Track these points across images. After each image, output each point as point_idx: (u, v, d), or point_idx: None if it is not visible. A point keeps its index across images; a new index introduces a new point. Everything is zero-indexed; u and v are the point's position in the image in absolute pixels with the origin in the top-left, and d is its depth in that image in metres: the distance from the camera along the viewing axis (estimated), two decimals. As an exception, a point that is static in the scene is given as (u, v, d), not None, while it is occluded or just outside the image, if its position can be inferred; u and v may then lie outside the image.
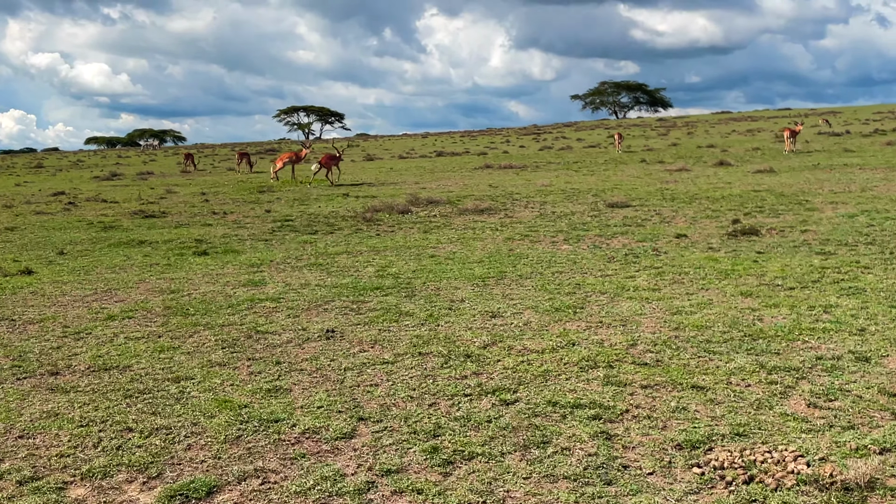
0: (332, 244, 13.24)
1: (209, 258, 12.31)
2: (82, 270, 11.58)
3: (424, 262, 11.02)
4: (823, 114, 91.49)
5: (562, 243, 12.13)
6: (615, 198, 16.60)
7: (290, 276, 10.53)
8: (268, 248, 13.30)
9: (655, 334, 6.76)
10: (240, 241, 14.11)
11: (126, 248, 13.77)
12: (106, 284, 10.47)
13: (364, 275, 10.34)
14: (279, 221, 16.64)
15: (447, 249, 12.12)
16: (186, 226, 16.74)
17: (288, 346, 7.01)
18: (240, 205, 20.70)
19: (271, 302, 8.90)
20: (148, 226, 16.93)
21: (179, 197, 23.83)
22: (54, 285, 10.49)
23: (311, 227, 15.59)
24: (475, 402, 5.32)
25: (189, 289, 9.92)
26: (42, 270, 11.71)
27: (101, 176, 37.63)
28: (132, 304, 9.08)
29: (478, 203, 17.04)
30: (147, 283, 10.43)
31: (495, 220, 15.37)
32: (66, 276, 11.17)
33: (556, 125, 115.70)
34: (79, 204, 22.19)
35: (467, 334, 7.05)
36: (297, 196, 22.24)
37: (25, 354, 7.14)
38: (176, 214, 19.00)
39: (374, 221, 15.88)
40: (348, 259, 11.68)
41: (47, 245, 14.52)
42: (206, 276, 10.81)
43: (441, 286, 9.34)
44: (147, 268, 11.67)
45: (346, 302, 8.73)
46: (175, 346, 7.19)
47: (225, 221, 17.21)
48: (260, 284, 10.01)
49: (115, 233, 15.83)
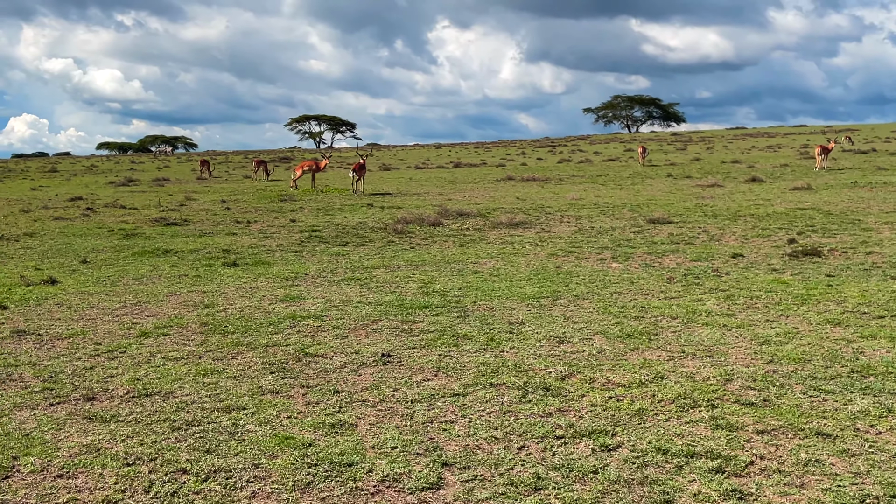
0: (366, 257, 12.65)
1: (240, 270, 11.73)
2: (108, 281, 11.01)
3: (469, 279, 10.42)
4: (840, 131, 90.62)
5: (610, 261, 11.51)
6: (655, 213, 15.98)
7: (329, 291, 9.94)
8: (299, 259, 12.72)
9: (750, 368, 6.13)
10: (269, 253, 13.53)
11: (151, 257, 13.20)
12: (135, 297, 9.89)
13: (407, 291, 9.74)
14: (306, 232, 16.07)
15: (489, 265, 11.51)
16: (211, 235, 16.17)
17: (343, 372, 6.40)
18: (262, 213, 20.15)
19: (314, 320, 8.31)
20: (171, 234, 16.37)
21: (199, 204, 23.30)
22: (80, 297, 9.92)
23: (340, 238, 15.01)
24: (570, 446, 4.70)
25: (224, 303, 9.33)
26: (66, 280, 11.15)
27: (116, 181, 37.18)
28: (166, 320, 8.49)
29: (511, 216, 16.44)
30: (178, 296, 9.84)
31: (532, 234, 14.76)
32: (91, 287, 10.60)
33: (570, 138, 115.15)
34: (97, 210, 21.67)
35: (538, 363, 6.43)
36: (320, 206, 21.69)
37: (57, 375, 6.56)
38: (198, 222, 18.45)
39: (405, 234, 15.29)
40: (387, 274, 11.09)
41: (69, 252, 13.97)
42: (239, 289, 10.23)
43: (493, 306, 8.73)
44: (176, 279, 11.09)
45: (395, 322, 8.13)
46: (219, 368, 6.59)
47: (250, 231, 16.64)
48: (298, 300, 9.42)
49: (138, 241, 15.28)
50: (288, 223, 17.82)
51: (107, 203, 23.64)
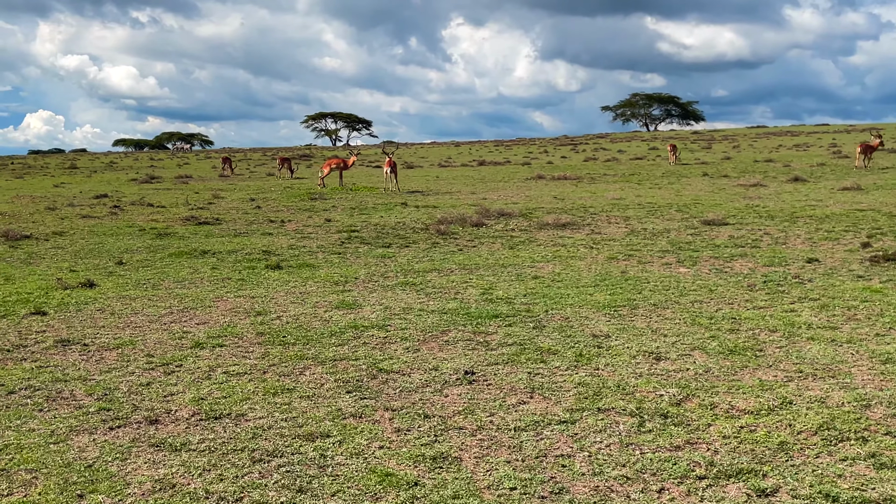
0: (414, 260, 12.04)
1: (284, 273, 11.16)
2: (148, 284, 10.45)
3: (531, 285, 9.79)
4: (865, 130, 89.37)
5: (676, 265, 10.85)
6: (708, 214, 15.30)
7: (384, 296, 9.34)
8: (343, 262, 12.13)
9: (884, 391, 5.47)
10: (311, 254, 12.95)
11: (189, 258, 12.64)
12: (180, 302, 9.32)
13: (469, 298, 9.12)
14: (345, 232, 15.49)
15: (548, 269, 10.88)
16: (246, 235, 15.61)
17: (426, 392, 5.79)
18: (294, 212, 19.58)
19: (378, 330, 7.70)
20: (205, 234, 15.81)
21: (228, 202, 22.76)
22: (122, 301, 9.35)
23: (381, 239, 14.41)
24: (718, 489, 4.07)
25: (276, 310, 8.75)
26: (104, 283, 10.60)
27: (138, 178, 36.75)
28: (218, 329, 7.91)
29: (556, 217, 15.80)
30: (226, 302, 9.26)
31: (582, 235, 14.12)
32: (131, 290, 10.04)
33: (589, 136, 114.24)
34: (125, 208, 21.16)
35: (642, 383, 5.80)
36: (353, 205, 21.10)
37: (112, 393, 5.98)
38: (230, 221, 17.90)
39: (449, 235, 14.67)
40: (441, 278, 10.48)
41: (102, 253, 13.43)
42: (288, 294, 9.64)
43: (568, 315, 8.10)
44: (219, 282, 10.52)
45: (467, 333, 7.51)
46: (288, 386, 6.00)
47: (285, 231, 16.07)
48: (355, 307, 8.82)
49: (172, 240, 14.73)
50: (323, 223, 17.24)
51: (133, 201, 23.13)
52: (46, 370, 6.67)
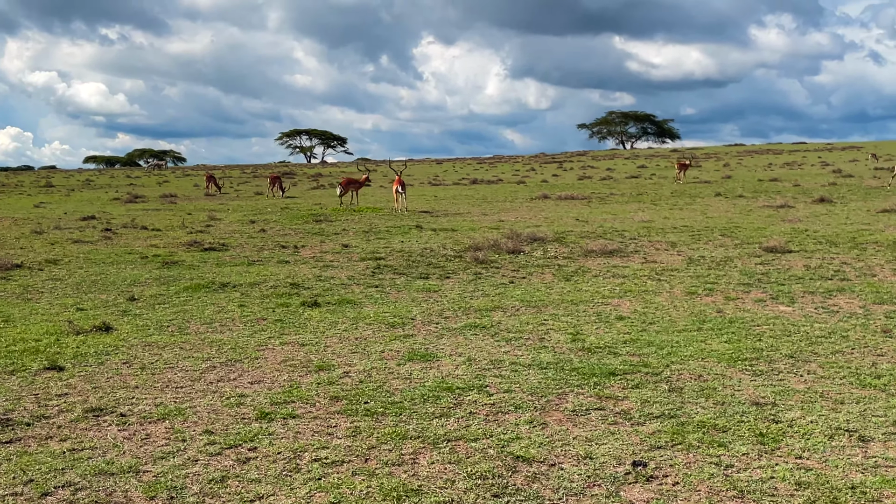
0: (466, 295, 10.71)
1: (325, 311, 9.78)
2: (174, 327, 9.01)
3: (621, 328, 8.49)
4: (845, 148, 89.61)
5: (772, 303, 9.59)
6: (763, 240, 14.09)
7: (458, 343, 7.99)
8: (385, 297, 10.76)
9: None
10: (344, 287, 11.55)
11: (208, 292, 11.20)
12: (218, 351, 7.89)
13: (560, 346, 7.79)
14: (370, 260, 14.11)
15: (627, 307, 9.57)
16: (261, 263, 14.17)
17: (599, 497, 4.41)
18: (304, 236, 18.15)
19: (477, 393, 6.33)
20: (215, 262, 14.34)
21: (227, 225, 21.27)
22: (149, 351, 7.91)
23: (414, 268, 13.07)
24: None
25: (338, 362, 7.36)
26: (121, 325, 9.13)
27: (121, 198, 35.07)
28: (279, 390, 6.51)
29: (601, 243, 14.50)
30: (273, 351, 7.85)
31: (637, 265, 12.83)
32: (156, 335, 8.58)
33: (568, 154, 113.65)
34: (117, 231, 19.60)
35: (877, 482, 4.46)
36: (363, 227, 19.71)
37: (180, 494, 4.53)
38: (238, 247, 16.44)
39: (488, 263, 13.34)
40: (510, 318, 9.14)
41: (107, 286, 11.94)
42: (343, 340, 8.25)
43: (697, 371, 6.79)
44: (254, 324, 9.11)
45: (589, 397, 6.17)
46: (411, 485, 4.62)
47: (302, 258, 14.65)
48: (429, 358, 7.44)
49: (181, 270, 13.26)
50: (341, 249, 15.84)
51: (124, 223, 21.56)
52: (82, 455, 5.23)
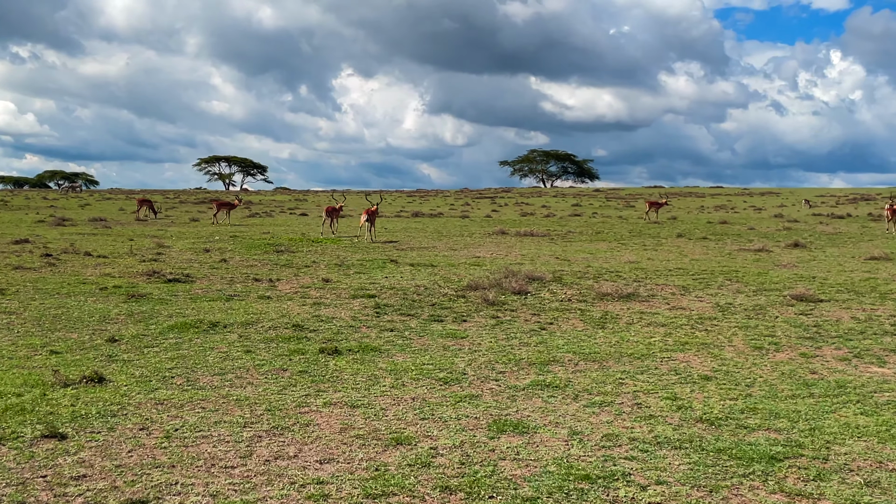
0: (501, 342, 9.60)
1: (352, 361, 8.50)
2: (181, 379, 7.60)
3: (719, 392, 7.43)
4: (764, 193, 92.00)
5: (858, 361, 8.71)
6: (797, 289, 13.28)
7: (541, 408, 6.88)
8: (407, 343, 9.56)
9: None
10: (353, 330, 10.22)
11: (199, 333, 9.74)
12: (252, 413, 6.50)
13: (668, 415, 6.66)
14: (362, 297, 12.79)
15: (699, 364, 8.53)
16: (239, 298, 12.67)
17: None
18: (272, 268, 16.64)
19: (626, 485, 5.18)
20: (185, 295, 12.79)
21: (179, 253, 19.53)
22: (164, 411, 6.46)
23: (417, 308, 11.88)
24: None
25: (415, 434, 6.09)
26: (115, 375, 7.61)
27: (47, 220, 32.62)
28: (365, 475, 5.20)
29: (616, 287, 13.48)
30: (322, 415, 6.49)
31: (666, 311, 11.84)
32: (163, 390, 7.12)
33: (493, 190, 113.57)
34: (59, 257, 17.69)
35: None
36: (331, 259, 18.34)
37: None
38: (203, 278, 14.85)
39: (499, 305, 12.17)
40: (576, 375, 8.00)
41: (74, 322, 10.33)
42: (398, 401, 7.00)
43: (862, 454, 5.72)
44: (276, 377, 7.77)
45: (774, 494, 5.04)
46: None
47: (284, 294, 13.24)
48: (524, 430, 6.21)
49: (153, 305, 11.69)
50: (322, 283, 14.43)
51: (64, 248, 19.58)
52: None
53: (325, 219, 25.90)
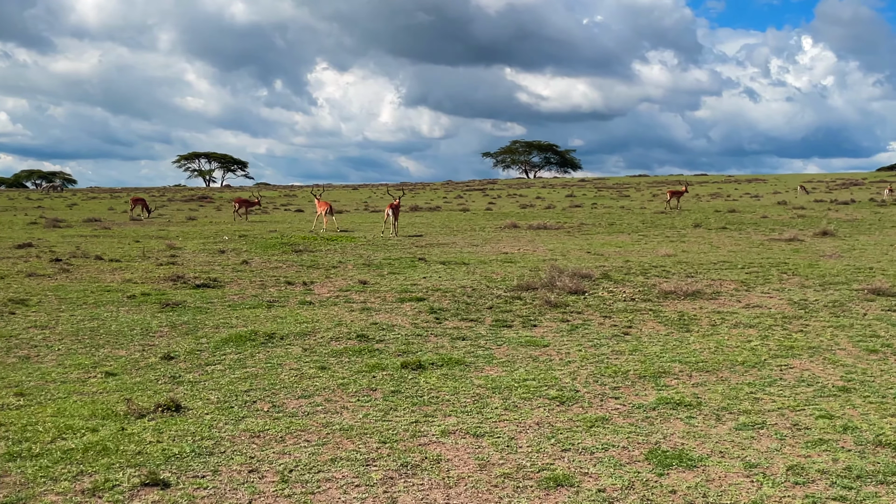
0: (592, 351, 8.85)
1: (440, 376, 7.75)
2: (265, 403, 6.85)
3: (862, 404, 6.69)
4: (752, 181, 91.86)
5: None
6: (874, 283, 12.59)
7: (693, 435, 6.15)
8: (487, 352, 8.85)
9: None
10: (421, 339, 9.48)
11: (256, 347, 9.00)
12: (365, 445, 5.77)
13: (838, 437, 5.87)
14: (410, 301, 12.05)
15: (821, 372, 7.83)
16: (280, 304, 11.87)
17: None
18: (299, 270, 15.79)
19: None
20: (221, 301, 12.00)
21: (193, 255, 18.61)
22: (265, 445, 5.71)
23: (475, 312, 11.21)
24: None
25: (571, 471, 5.42)
26: (190, 401, 6.78)
27: (39, 223, 31.48)
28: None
29: (677, 285, 12.73)
30: (443, 446, 5.72)
31: (743, 310, 11.15)
32: (251, 418, 6.34)
33: (480, 181, 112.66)
34: (71, 262, 16.72)
35: None
36: (357, 259, 17.44)
37: None
38: (232, 283, 13.99)
39: (563, 307, 11.39)
40: (700, 389, 7.34)
41: (114, 336, 9.53)
42: (524, 427, 6.27)
43: None
44: (368, 398, 7.02)
45: None
46: None
47: (325, 299, 12.51)
48: (690, 462, 5.49)
49: (193, 315, 10.89)
50: (360, 286, 13.62)
51: (71, 252, 18.58)
52: None
53: (386, 216, 25.20)
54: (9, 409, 6.61)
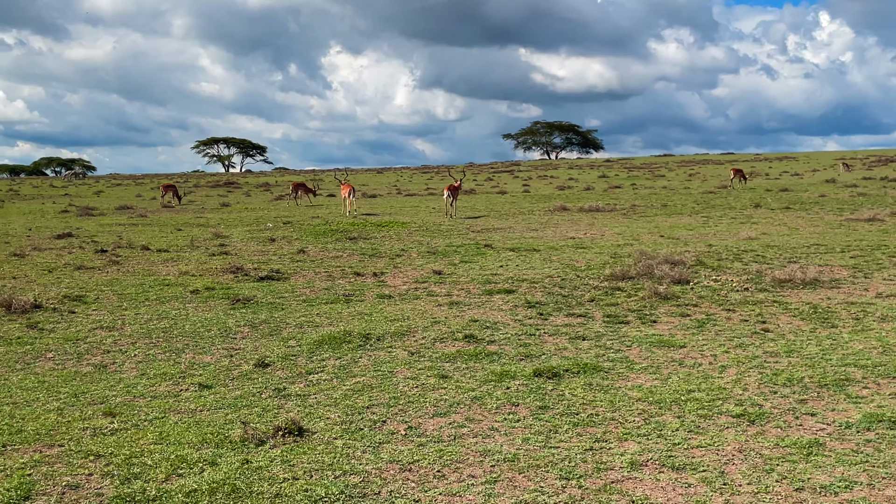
0: (740, 353, 7.82)
1: (582, 386, 6.67)
2: (398, 424, 5.85)
3: None
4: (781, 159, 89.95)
5: None
6: None
7: None
8: (619, 355, 7.86)
9: None
10: (537, 340, 8.44)
11: (353, 349, 8.07)
12: (544, 482, 4.90)
13: None
14: (499, 294, 11.18)
15: None
16: (358, 299, 10.95)
17: None
18: (361, 258, 14.84)
19: None
20: (293, 296, 11.07)
21: (244, 244, 17.61)
22: (426, 485, 4.94)
23: (576, 305, 10.28)
24: None
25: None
26: (310, 421, 5.75)
27: (71, 211, 30.59)
28: None
29: (790, 273, 11.56)
30: (641, 483, 4.77)
31: (881, 301, 9.95)
32: (391, 444, 5.33)
33: (505, 163, 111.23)
34: (119, 254, 15.72)
35: None
36: (420, 247, 16.36)
37: None
38: (295, 275, 13.00)
39: (673, 299, 10.30)
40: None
41: (193, 338, 8.59)
42: (727, 458, 5.33)
43: None
44: (512, 415, 5.95)
45: None
46: None
47: (401, 291, 11.56)
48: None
49: (269, 312, 9.98)
50: (434, 276, 12.55)
51: (116, 243, 17.59)
52: None
53: (447, 198, 24.33)
54: (103, 435, 5.58)
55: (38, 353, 8.02)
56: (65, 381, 7.01)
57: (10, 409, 6.23)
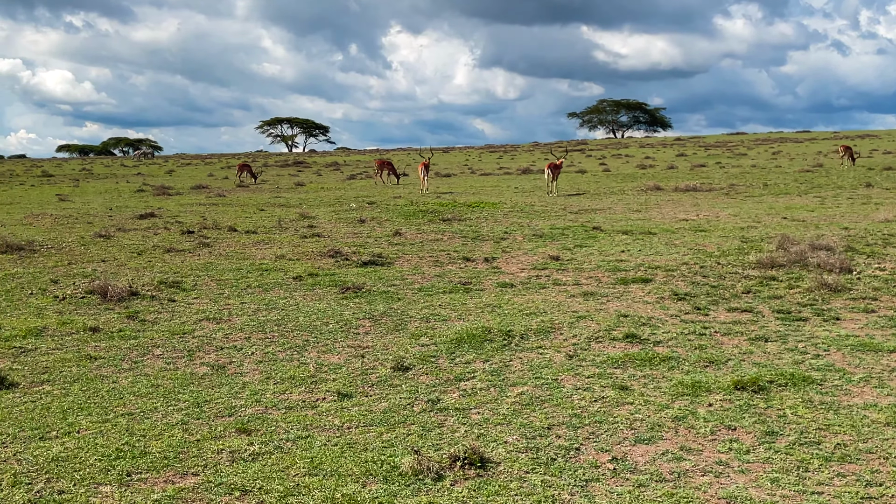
0: None
1: (800, 403, 5.43)
2: (604, 454, 4.65)
3: None
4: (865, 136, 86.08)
5: None
6: None
7: None
8: (816, 360, 6.76)
9: None
10: (706, 339, 7.36)
11: (500, 351, 7.05)
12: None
13: None
14: (632, 282, 10.15)
15: None
16: (477, 288, 9.73)
17: None
18: (463, 241, 13.77)
19: None
20: (405, 284, 10.14)
21: (332, 225, 16.68)
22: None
23: (730, 297, 9.14)
24: None
25: None
26: (490, 449, 4.51)
27: (146, 190, 30.13)
28: None
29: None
30: None
31: None
32: (602, 483, 4.01)
33: (571, 142, 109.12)
34: (207, 235, 14.85)
35: None
36: (523, 230, 15.18)
37: None
38: (398, 259, 12.02)
39: (844, 291, 8.98)
40: None
41: (311, 333, 7.65)
42: None
43: None
44: (735, 443, 4.91)
45: None
46: None
47: (521, 279, 10.47)
48: None
49: (385, 303, 8.98)
50: (552, 262, 11.40)
51: (201, 223, 16.77)
52: None
53: (548, 175, 24.53)
54: (244, 461, 4.54)
55: (144, 350, 7.07)
56: (181, 385, 6.03)
57: (126, 421, 5.24)
